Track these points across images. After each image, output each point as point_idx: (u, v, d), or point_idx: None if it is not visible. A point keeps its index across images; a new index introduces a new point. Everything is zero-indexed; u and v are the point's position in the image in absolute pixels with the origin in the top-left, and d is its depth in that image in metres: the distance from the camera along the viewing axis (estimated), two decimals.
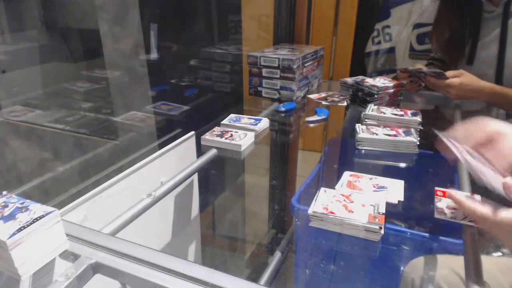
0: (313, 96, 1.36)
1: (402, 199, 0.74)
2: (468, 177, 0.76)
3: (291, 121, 1.27)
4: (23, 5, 1.43)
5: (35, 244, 0.46)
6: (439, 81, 1.11)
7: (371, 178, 0.82)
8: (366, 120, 1.07)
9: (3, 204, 0.49)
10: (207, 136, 0.96)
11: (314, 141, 2.36)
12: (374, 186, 0.79)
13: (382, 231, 0.64)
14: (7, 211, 0.47)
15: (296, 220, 0.97)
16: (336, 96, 1.35)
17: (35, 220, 0.46)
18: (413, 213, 1.06)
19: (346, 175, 0.84)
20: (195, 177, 1.12)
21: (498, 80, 1.16)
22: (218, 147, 0.93)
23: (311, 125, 1.21)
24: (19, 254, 0.44)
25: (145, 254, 0.51)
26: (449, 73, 1.11)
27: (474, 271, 0.52)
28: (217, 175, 1.50)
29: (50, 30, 1.49)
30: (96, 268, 0.51)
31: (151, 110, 1.51)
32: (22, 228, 0.44)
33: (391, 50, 1.99)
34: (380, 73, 2.18)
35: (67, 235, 0.51)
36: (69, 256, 0.52)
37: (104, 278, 0.52)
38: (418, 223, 1.08)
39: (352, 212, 0.67)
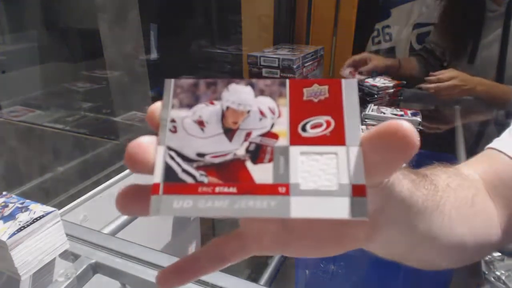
0: None
1: None
2: None
3: None
4: (23, 5, 1.43)
5: (35, 244, 0.46)
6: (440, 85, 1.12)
7: None
8: (366, 120, 1.07)
9: (3, 204, 0.49)
10: None
11: None
12: None
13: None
14: (7, 211, 0.47)
15: None
16: None
17: (35, 220, 0.46)
18: None
19: None
20: None
21: (499, 80, 1.16)
22: None
23: None
24: (19, 254, 0.44)
25: (145, 254, 0.51)
26: (443, 77, 1.11)
27: (474, 270, 0.52)
28: None
29: (50, 30, 1.50)
30: (96, 268, 0.51)
31: None
32: (22, 228, 0.44)
33: (391, 50, 1.99)
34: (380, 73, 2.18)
35: (67, 235, 0.51)
36: (69, 256, 0.52)
37: (104, 278, 0.52)
38: None
39: None
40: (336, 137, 0.18)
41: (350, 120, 0.18)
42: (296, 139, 0.18)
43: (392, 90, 1.21)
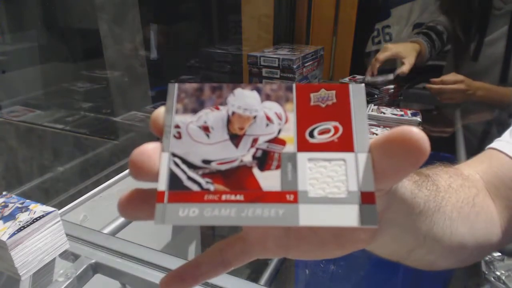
0: None
1: None
2: None
3: None
4: (23, 5, 1.43)
5: (35, 244, 0.46)
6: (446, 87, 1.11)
7: None
8: None
9: (3, 204, 0.49)
10: None
11: None
12: None
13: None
14: (7, 211, 0.47)
15: None
16: None
17: (35, 220, 0.46)
18: None
19: None
20: None
21: (503, 78, 1.15)
22: None
23: None
24: (19, 254, 0.44)
25: (145, 254, 0.51)
26: (447, 79, 1.11)
27: (474, 270, 0.52)
28: None
29: (50, 30, 1.50)
30: (96, 268, 0.51)
31: (151, 110, 1.51)
32: (22, 228, 0.44)
33: None
34: (380, 73, 2.17)
35: (67, 235, 0.51)
36: (69, 256, 0.52)
37: (104, 278, 0.52)
38: None
39: None
40: (345, 143, 0.18)
41: (359, 126, 0.18)
42: (303, 145, 0.18)
43: (392, 90, 1.21)
